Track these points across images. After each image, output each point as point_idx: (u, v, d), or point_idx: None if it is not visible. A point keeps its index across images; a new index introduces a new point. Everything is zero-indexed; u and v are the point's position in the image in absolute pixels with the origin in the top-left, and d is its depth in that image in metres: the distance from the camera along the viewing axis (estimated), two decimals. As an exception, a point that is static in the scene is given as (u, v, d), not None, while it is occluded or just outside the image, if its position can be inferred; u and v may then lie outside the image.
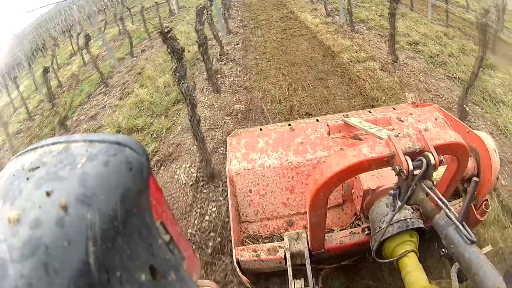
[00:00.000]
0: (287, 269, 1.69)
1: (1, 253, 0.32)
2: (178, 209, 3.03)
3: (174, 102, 5.19)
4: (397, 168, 1.22)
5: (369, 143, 1.29)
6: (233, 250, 1.86)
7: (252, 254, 1.84)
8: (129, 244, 0.37)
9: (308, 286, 1.58)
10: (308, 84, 4.95)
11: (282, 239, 1.86)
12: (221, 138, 3.88)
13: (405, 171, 1.19)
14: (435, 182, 1.25)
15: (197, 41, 4.15)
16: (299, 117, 4.05)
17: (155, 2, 12.78)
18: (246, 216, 2.14)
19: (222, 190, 3.10)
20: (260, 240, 2.08)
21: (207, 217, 2.87)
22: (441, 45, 5.89)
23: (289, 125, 2.53)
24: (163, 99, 5.37)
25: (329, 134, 2.30)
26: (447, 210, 1.14)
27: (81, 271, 0.32)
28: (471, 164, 1.89)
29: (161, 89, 5.77)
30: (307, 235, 1.76)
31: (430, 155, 1.20)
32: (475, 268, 0.99)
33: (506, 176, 2.75)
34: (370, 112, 2.79)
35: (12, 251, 0.31)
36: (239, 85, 5.27)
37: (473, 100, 4.10)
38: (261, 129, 2.66)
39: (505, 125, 3.56)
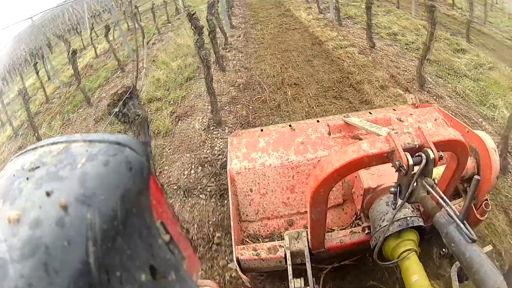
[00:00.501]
0: (287, 268, 1.70)
1: (1, 253, 0.32)
2: (194, 144, 4.00)
3: (187, 79, 6.14)
4: (397, 163, 1.22)
5: (369, 139, 1.30)
6: (233, 249, 1.87)
7: (252, 253, 1.84)
8: (129, 244, 0.37)
9: (308, 285, 1.58)
10: (297, 64, 6.04)
11: (283, 239, 1.86)
12: (226, 101, 4.91)
13: (404, 166, 1.19)
14: (435, 181, 1.25)
15: (207, 29, 4.80)
16: (289, 87, 5.11)
17: (164, 1, 13.80)
18: (247, 215, 2.14)
19: (227, 132, 4.10)
20: (260, 239, 2.09)
21: (216, 148, 3.82)
22: (417, 35, 6.77)
23: (290, 125, 2.54)
24: (177, 78, 6.25)
25: (329, 134, 2.31)
26: (448, 208, 1.15)
27: (81, 271, 0.32)
28: (471, 163, 1.89)
29: (175, 70, 6.60)
30: (307, 234, 1.76)
31: (429, 150, 1.20)
32: (476, 267, 0.99)
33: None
34: (370, 113, 2.80)
35: (12, 251, 0.31)
36: (241, 66, 6.30)
37: (439, 74, 5.08)
38: (262, 130, 2.67)
39: (464, 90, 4.58)
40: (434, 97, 4.43)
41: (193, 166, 3.61)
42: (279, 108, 4.58)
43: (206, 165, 3.53)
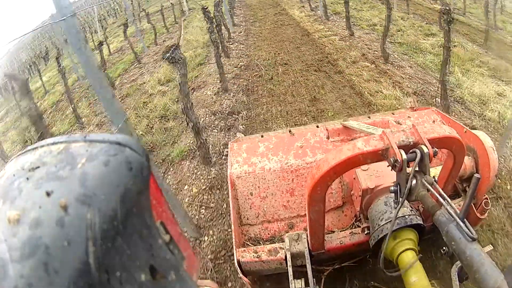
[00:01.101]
0: (287, 270, 1.70)
1: (1, 253, 0.32)
2: (207, 103, 5.33)
3: (198, 65, 7.42)
4: (391, 160, 1.23)
5: (364, 138, 1.31)
6: (234, 252, 1.87)
7: (253, 255, 1.84)
8: (129, 244, 0.37)
9: (309, 286, 1.58)
10: (288, 50, 7.48)
11: (283, 241, 1.86)
12: (231, 77, 6.24)
13: (399, 161, 1.20)
14: (435, 178, 1.26)
15: (208, 28, 5.64)
16: (280, 66, 6.56)
17: (171, 3, 15.54)
18: (247, 218, 2.14)
19: (232, 95, 5.48)
20: (261, 242, 2.09)
21: (223, 105, 5.17)
22: (394, 25, 7.89)
23: (290, 131, 2.56)
24: (190, 63, 7.37)
25: (328, 137, 2.32)
26: (448, 207, 1.15)
27: (81, 271, 0.32)
28: (469, 163, 1.90)
29: (188, 59, 7.47)
30: (307, 236, 1.76)
31: (423, 146, 1.21)
32: (476, 266, 0.99)
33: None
34: (369, 117, 2.82)
35: (12, 251, 0.31)
36: (242, 54, 7.72)
37: (405, 52, 6.30)
38: (262, 136, 2.69)
39: (424, 62, 5.76)
40: (396, 67, 5.68)
41: (207, 115, 4.91)
42: (272, 80, 6.00)
43: (217, 114, 4.94)
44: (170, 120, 5.25)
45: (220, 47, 6.10)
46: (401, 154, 1.21)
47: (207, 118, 4.85)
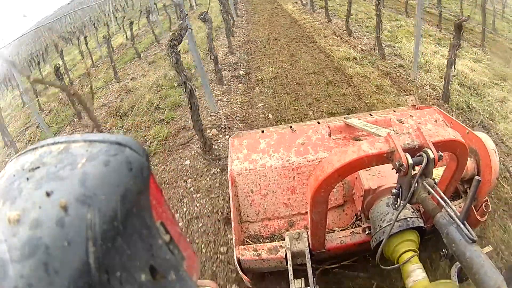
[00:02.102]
0: (287, 269, 1.70)
1: (1, 253, 0.32)
2: (220, 59, 6.59)
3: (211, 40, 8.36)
4: (396, 164, 1.22)
5: (369, 140, 1.30)
6: (234, 250, 1.87)
7: (253, 254, 1.84)
8: (129, 244, 0.37)
9: (309, 286, 1.58)
10: (279, 31, 9.62)
11: (283, 239, 1.86)
12: (235, 47, 8.19)
13: (404, 165, 1.19)
14: (436, 180, 1.25)
15: (221, 10, 7.35)
16: (271, 41, 8.70)
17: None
18: (247, 216, 2.14)
19: (237, 56, 7.57)
20: (261, 240, 2.09)
21: (231, 61, 7.15)
22: (367, 15, 10.14)
23: (291, 127, 2.54)
24: (201, 42, 8.58)
25: (330, 135, 2.31)
26: (449, 209, 1.14)
27: (81, 271, 0.32)
28: (471, 164, 1.89)
29: (199, 39, 8.79)
30: (308, 234, 1.76)
31: (429, 151, 1.20)
32: (476, 268, 0.99)
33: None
34: (371, 115, 2.80)
35: (12, 251, 0.31)
36: (244, 34, 9.81)
37: (367, 31, 8.12)
38: (262, 131, 2.67)
39: (400, 47, 6.84)
40: (355, 38, 7.65)
41: (220, 65, 6.07)
42: (265, 47, 8.13)
43: (226, 65, 6.96)
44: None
45: (227, 29, 7.64)
46: (407, 159, 1.20)
47: (220, 67, 6.33)
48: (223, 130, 4.27)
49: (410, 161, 1.19)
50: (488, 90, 4.70)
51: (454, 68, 3.98)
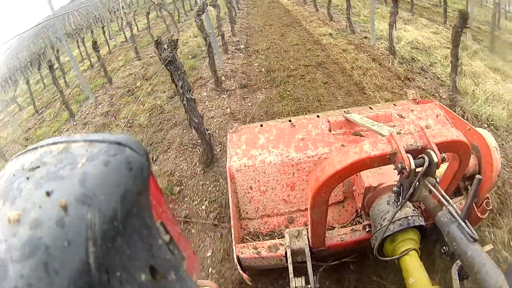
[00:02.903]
0: (287, 267, 1.70)
1: (1, 253, 0.32)
2: (225, 39, 8.03)
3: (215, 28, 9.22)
4: (399, 166, 1.21)
5: (370, 140, 1.28)
6: (234, 247, 1.87)
7: (253, 252, 1.84)
8: (129, 244, 0.37)
9: (309, 284, 1.58)
10: (274, 20, 11.53)
11: (283, 236, 1.86)
12: (237, 31, 10.01)
13: (407, 168, 1.18)
14: (437, 179, 1.25)
15: (226, 2, 9.82)
16: (267, 26, 10.64)
17: None
18: (247, 213, 2.14)
19: (238, 37, 9.49)
20: (260, 237, 2.09)
21: (234, 39, 9.12)
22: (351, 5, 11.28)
23: (290, 121, 2.53)
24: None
25: (330, 130, 2.29)
26: (450, 207, 1.14)
27: (81, 271, 0.32)
28: (472, 161, 1.88)
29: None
30: (307, 232, 1.76)
31: (432, 152, 1.19)
32: (477, 266, 0.99)
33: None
34: (371, 108, 2.78)
35: (12, 251, 0.31)
36: (244, 23, 11.72)
37: (346, 16, 8.32)
38: (261, 125, 2.66)
39: (356, 20, 8.89)
40: (335, 22, 9.52)
41: (223, 46, 7.74)
42: (261, 31, 9.98)
43: (230, 44, 8.38)
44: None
45: (230, 19, 9.91)
46: (409, 161, 1.18)
47: (226, 41, 8.07)
48: (229, 77, 6.28)
49: (413, 165, 1.18)
50: (437, 51, 6.14)
51: (395, 28, 5.97)
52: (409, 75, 5.19)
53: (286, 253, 1.76)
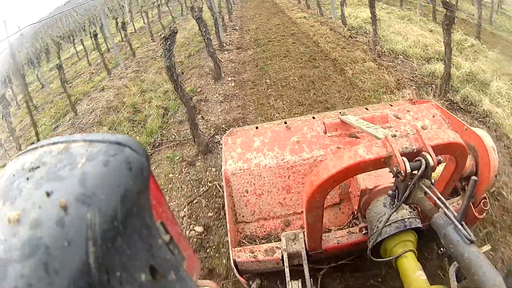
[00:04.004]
0: (284, 270, 1.69)
1: (1, 253, 0.32)
2: (224, 24, 10.72)
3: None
4: (394, 169, 1.21)
5: (365, 144, 1.28)
6: (230, 251, 1.86)
7: (249, 255, 1.83)
8: (129, 244, 0.37)
9: (306, 287, 1.58)
10: (263, 10, 14.27)
11: (279, 239, 1.85)
12: (234, 18, 13.23)
13: (402, 173, 1.18)
14: (433, 181, 1.25)
15: None
16: (257, 16, 13.33)
17: None
18: (243, 216, 2.13)
19: (234, 22, 12.49)
20: (257, 240, 2.08)
21: (231, 24, 12.11)
22: None
23: (285, 123, 2.52)
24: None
25: (325, 132, 2.28)
26: (446, 209, 1.14)
27: (81, 271, 0.32)
28: (469, 162, 1.87)
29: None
30: (304, 235, 1.75)
31: (428, 155, 1.18)
32: (475, 268, 0.99)
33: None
34: (367, 109, 2.78)
35: (12, 251, 0.31)
36: (239, 13, 14.58)
37: (324, 6, 11.35)
38: (256, 127, 2.65)
39: (348, 13, 9.59)
40: (310, 9, 12.32)
41: (223, 27, 9.82)
42: (252, 18, 12.55)
43: (228, 26, 11.15)
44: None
45: (228, 10, 12.81)
46: (405, 165, 1.17)
47: (225, 23, 10.78)
48: (228, 44, 8.94)
49: (408, 168, 1.17)
50: (382, 23, 8.00)
51: (345, 6, 8.69)
52: (352, 35, 7.79)
53: (282, 256, 1.75)
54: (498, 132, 3.66)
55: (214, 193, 3.33)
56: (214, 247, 2.75)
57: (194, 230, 2.93)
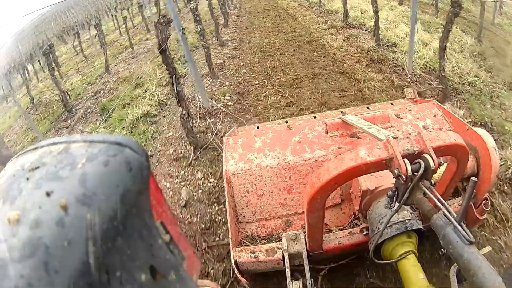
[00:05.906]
0: (285, 270, 1.69)
1: (1, 253, 0.32)
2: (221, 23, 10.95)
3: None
4: (395, 171, 1.20)
5: (367, 145, 1.28)
6: (231, 252, 1.86)
7: (250, 256, 1.83)
8: (129, 244, 0.37)
9: (307, 287, 1.58)
10: (262, 7, 14.47)
11: (280, 240, 1.85)
12: (233, 15, 13.14)
13: (403, 175, 1.18)
14: (433, 181, 1.24)
15: None
16: (257, 13, 13.38)
17: None
18: (244, 216, 2.13)
19: (229, 19, 11.81)
20: (258, 240, 2.07)
21: (232, 14, 13.31)
22: None
23: (286, 122, 2.52)
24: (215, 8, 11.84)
25: (326, 132, 2.27)
26: (445, 210, 1.14)
27: (81, 271, 0.32)
28: (470, 162, 1.86)
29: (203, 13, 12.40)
30: (305, 235, 1.75)
31: (429, 157, 1.18)
32: (474, 269, 0.99)
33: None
34: (368, 108, 2.78)
35: (12, 251, 0.31)
36: (239, 7, 15.28)
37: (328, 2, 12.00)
38: (258, 127, 2.64)
39: (331, 6, 11.32)
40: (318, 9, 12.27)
41: (223, 19, 11.02)
42: (255, 16, 12.49)
43: (230, 18, 11.96)
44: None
45: (227, 4, 13.31)
46: (406, 167, 1.17)
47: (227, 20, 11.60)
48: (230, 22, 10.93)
49: (410, 171, 1.17)
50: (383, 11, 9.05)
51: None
52: (311, 5, 11.98)
53: (283, 256, 1.75)
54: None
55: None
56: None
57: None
